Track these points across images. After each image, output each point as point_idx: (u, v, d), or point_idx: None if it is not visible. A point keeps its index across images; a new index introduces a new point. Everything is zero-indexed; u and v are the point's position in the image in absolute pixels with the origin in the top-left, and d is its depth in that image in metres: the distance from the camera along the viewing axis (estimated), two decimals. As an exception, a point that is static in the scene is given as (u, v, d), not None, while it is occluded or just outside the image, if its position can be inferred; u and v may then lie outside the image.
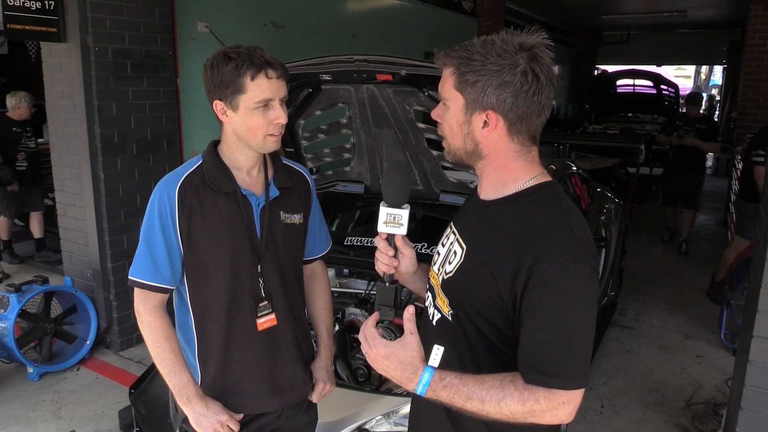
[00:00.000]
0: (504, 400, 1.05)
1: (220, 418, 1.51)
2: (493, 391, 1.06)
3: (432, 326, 1.28)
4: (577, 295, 1.05)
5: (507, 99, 1.08)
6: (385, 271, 1.30)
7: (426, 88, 2.52)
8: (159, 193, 1.47)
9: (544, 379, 1.04)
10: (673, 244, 6.66)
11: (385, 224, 1.27)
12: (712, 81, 21.74)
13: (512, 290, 1.07)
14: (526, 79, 1.07)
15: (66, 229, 4.14)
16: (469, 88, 1.10)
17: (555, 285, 1.04)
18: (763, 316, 2.01)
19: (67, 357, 3.80)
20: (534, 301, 1.05)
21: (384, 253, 1.29)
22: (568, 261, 1.05)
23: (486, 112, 1.11)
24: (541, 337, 1.05)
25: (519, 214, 1.14)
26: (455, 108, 1.14)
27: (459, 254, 1.20)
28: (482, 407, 1.06)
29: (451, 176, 3.00)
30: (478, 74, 1.08)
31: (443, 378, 1.10)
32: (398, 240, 1.30)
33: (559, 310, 1.04)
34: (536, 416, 1.05)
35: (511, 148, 1.15)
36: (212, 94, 1.44)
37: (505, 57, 1.07)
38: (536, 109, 1.10)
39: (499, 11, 8.84)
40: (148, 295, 1.51)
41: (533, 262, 1.05)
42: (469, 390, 1.07)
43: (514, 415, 1.05)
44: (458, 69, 1.11)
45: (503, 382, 1.07)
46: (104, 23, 3.61)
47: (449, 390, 1.09)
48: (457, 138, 1.17)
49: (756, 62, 7.08)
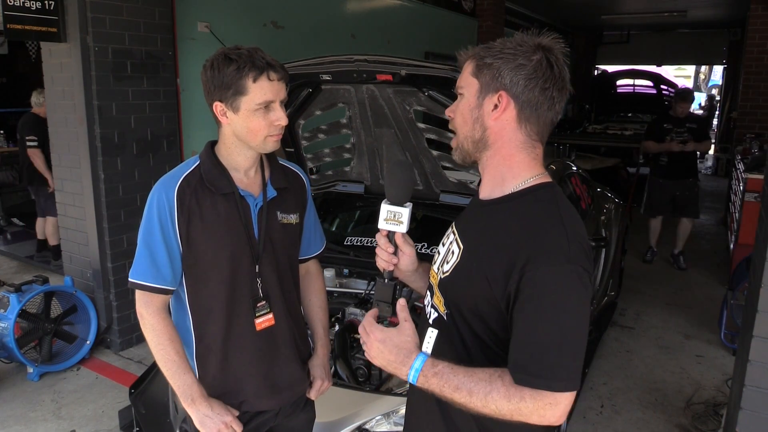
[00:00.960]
0: (491, 394, 1.05)
1: (225, 419, 1.52)
2: (481, 384, 1.06)
3: (428, 325, 1.29)
4: (569, 295, 1.05)
5: (520, 81, 1.11)
6: (385, 268, 1.33)
7: (426, 88, 2.52)
8: (157, 195, 1.47)
9: (531, 380, 1.03)
10: (660, 260, 6.10)
11: (386, 221, 1.30)
12: (711, 81, 21.74)
13: (505, 290, 1.07)
14: (541, 66, 1.11)
15: (66, 229, 4.14)
16: (486, 70, 1.14)
17: (546, 285, 1.04)
18: (763, 316, 2.01)
19: (67, 357, 3.80)
20: (525, 301, 1.05)
21: (384, 250, 1.32)
22: (561, 261, 1.05)
23: (498, 93, 1.13)
24: (531, 337, 1.05)
25: (514, 213, 1.14)
26: (469, 94, 1.17)
27: (456, 254, 1.21)
28: (470, 399, 1.06)
29: (451, 176, 3.00)
30: (495, 57, 1.13)
31: (435, 365, 1.11)
32: (398, 237, 1.32)
33: (549, 310, 1.04)
34: (522, 415, 1.04)
35: (517, 137, 1.15)
36: (212, 96, 1.44)
37: (524, 46, 1.12)
38: (547, 99, 1.12)
39: (499, 11, 8.84)
40: (150, 297, 1.51)
41: (526, 262, 1.05)
42: (458, 380, 1.07)
43: (501, 411, 1.05)
44: (477, 55, 1.16)
45: (492, 376, 1.07)
46: (104, 23, 3.61)
47: (439, 378, 1.09)
48: (467, 125, 1.18)
49: (756, 62, 7.08)
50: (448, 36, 7.90)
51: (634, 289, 5.22)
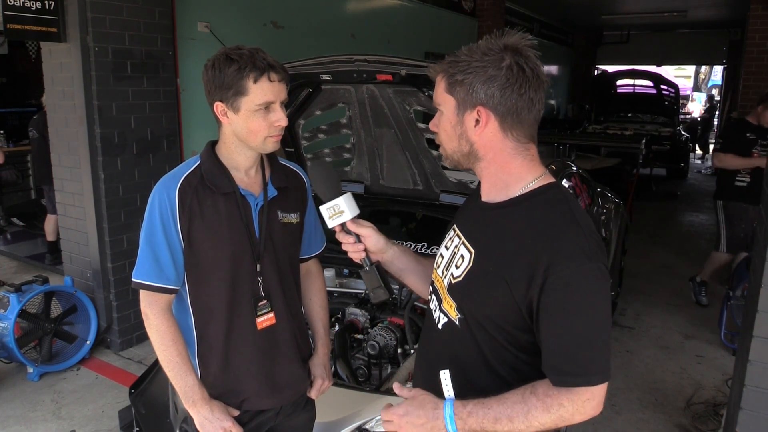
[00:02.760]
0: (530, 412, 1.07)
1: (224, 425, 1.52)
2: (517, 407, 1.08)
3: (437, 329, 1.27)
4: (595, 293, 1.07)
5: (495, 93, 1.10)
6: (358, 258, 1.38)
7: (426, 88, 2.52)
8: (159, 194, 1.47)
9: (572, 380, 1.06)
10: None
11: (331, 218, 1.36)
12: (711, 81, 21.76)
13: (527, 294, 1.08)
14: (512, 72, 1.09)
15: (66, 229, 4.14)
16: (458, 87, 1.12)
17: (573, 285, 1.05)
18: (763, 316, 2.01)
19: (67, 357, 3.80)
20: (553, 304, 1.06)
21: (347, 243, 1.37)
22: (583, 261, 1.06)
23: (476, 108, 1.12)
24: (563, 339, 1.06)
25: (528, 217, 1.13)
26: (448, 110, 1.16)
27: (467, 258, 1.20)
28: (512, 426, 1.08)
29: (451, 176, 3.00)
30: (465, 73, 1.11)
31: (465, 405, 1.11)
32: (350, 225, 1.37)
33: (579, 310, 1.06)
34: (566, 420, 1.07)
35: (507, 145, 1.15)
36: (213, 96, 1.44)
37: (490, 54, 1.10)
38: (526, 102, 1.11)
39: (499, 11, 8.85)
40: (154, 296, 1.51)
41: (548, 265, 1.05)
42: (494, 412, 1.09)
43: (545, 424, 1.07)
44: (447, 72, 1.14)
45: (524, 395, 1.08)
46: (104, 23, 3.61)
47: (475, 416, 1.10)
48: (453, 141, 1.18)
49: (756, 62, 7.08)
50: (448, 36, 7.91)
51: (634, 289, 5.22)
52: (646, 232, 7.25)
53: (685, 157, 11.27)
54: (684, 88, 16.69)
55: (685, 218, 8.26)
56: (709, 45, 14.10)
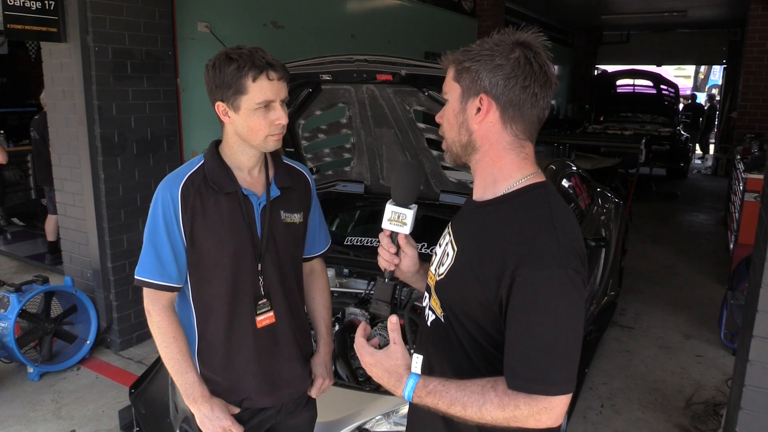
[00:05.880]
0: (485, 405, 1.05)
1: (223, 424, 1.53)
2: (474, 397, 1.07)
3: (427, 327, 1.29)
4: (559, 299, 1.04)
5: (499, 82, 1.09)
6: (386, 268, 1.33)
7: (426, 88, 2.52)
8: (162, 194, 1.48)
9: (527, 385, 1.03)
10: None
11: (390, 222, 1.30)
12: (711, 81, 21.77)
13: (497, 294, 1.07)
14: (519, 63, 1.09)
15: (66, 229, 4.14)
16: (465, 74, 1.13)
17: (536, 290, 1.03)
18: (763, 316, 2.01)
19: (67, 357, 3.80)
20: (517, 306, 1.05)
21: (386, 250, 1.33)
22: (552, 265, 1.03)
23: (479, 96, 1.12)
24: (523, 342, 1.04)
25: (506, 216, 1.13)
26: (452, 98, 1.17)
27: (451, 256, 1.20)
28: (465, 412, 1.07)
29: (451, 176, 3.00)
30: (474, 60, 1.11)
31: (427, 384, 1.12)
32: (401, 238, 1.33)
33: (540, 314, 1.03)
34: (518, 421, 1.05)
35: (503, 138, 1.14)
36: (214, 95, 1.45)
37: (501, 45, 1.10)
38: (529, 96, 1.10)
39: (498, 11, 8.85)
40: (157, 294, 1.52)
41: (516, 266, 1.04)
42: (451, 396, 1.08)
43: (496, 420, 1.06)
44: (456, 60, 1.15)
45: (484, 387, 1.07)
46: (104, 23, 3.61)
47: (433, 395, 1.10)
48: (454, 130, 1.18)
49: (756, 62, 7.09)
50: (448, 36, 7.91)
51: (634, 289, 5.22)
52: (646, 232, 7.25)
53: (685, 157, 11.28)
54: (684, 88, 16.68)
55: (685, 218, 8.27)
56: (709, 45, 14.12)
